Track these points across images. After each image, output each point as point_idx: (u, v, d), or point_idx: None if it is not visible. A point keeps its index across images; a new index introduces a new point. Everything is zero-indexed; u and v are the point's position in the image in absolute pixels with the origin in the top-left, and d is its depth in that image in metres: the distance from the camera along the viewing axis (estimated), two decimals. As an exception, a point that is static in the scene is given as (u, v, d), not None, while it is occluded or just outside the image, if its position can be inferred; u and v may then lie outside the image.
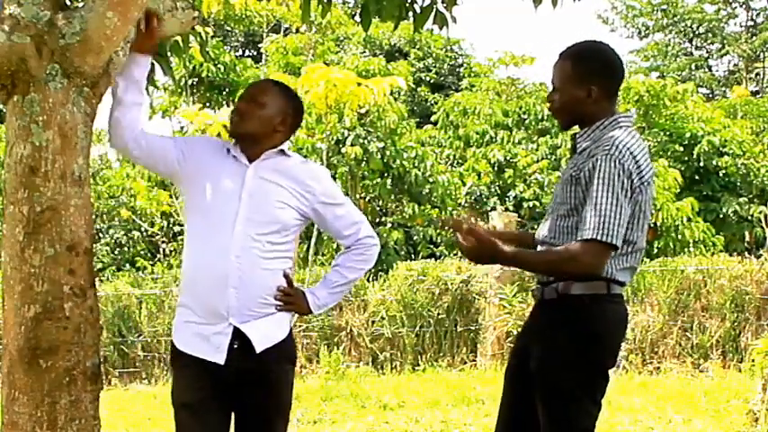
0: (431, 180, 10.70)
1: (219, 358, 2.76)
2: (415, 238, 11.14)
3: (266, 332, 2.81)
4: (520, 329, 2.99)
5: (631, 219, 2.61)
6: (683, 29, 26.14)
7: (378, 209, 10.99)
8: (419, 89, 17.86)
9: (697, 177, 12.15)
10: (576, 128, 2.83)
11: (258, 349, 2.78)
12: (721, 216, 11.76)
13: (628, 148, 2.60)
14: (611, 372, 2.76)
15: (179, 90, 12.15)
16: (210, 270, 2.75)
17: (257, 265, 2.77)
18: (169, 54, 3.53)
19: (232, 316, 2.76)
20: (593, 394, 2.68)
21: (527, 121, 12.85)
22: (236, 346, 2.76)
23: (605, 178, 2.56)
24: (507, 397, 2.86)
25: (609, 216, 2.54)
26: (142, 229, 11.87)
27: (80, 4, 2.72)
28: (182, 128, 12.04)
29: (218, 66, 12.45)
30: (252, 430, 2.87)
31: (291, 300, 2.87)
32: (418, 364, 8.01)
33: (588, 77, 2.70)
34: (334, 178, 10.45)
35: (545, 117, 12.59)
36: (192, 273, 2.82)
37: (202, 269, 2.77)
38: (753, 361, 5.58)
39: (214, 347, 2.76)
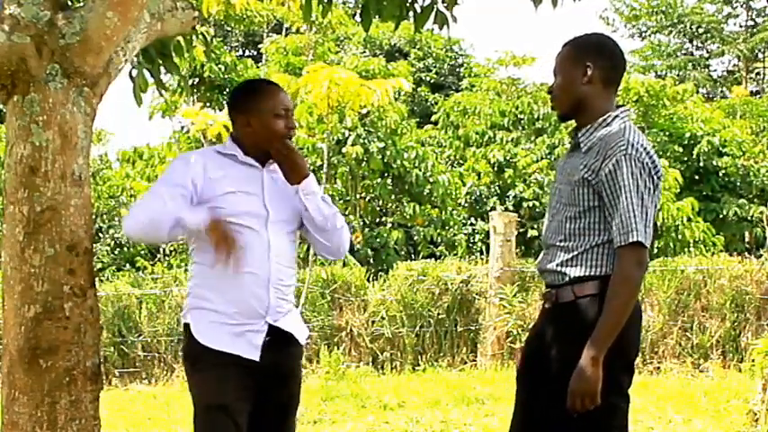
0: (431, 180, 10.70)
1: (255, 355, 2.79)
2: (415, 238, 11.14)
3: (300, 328, 2.93)
4: (530, 333, 2.92)
5: None
6: (682, 29, 26.13)
7: (378, 209, 11.00)
8: (419, 89, 17.87)
9: (697, 177, 12.16)
10: (572, 123, 2.82)
11: (302, 342, 2.90)
12: (721, 216, 11.76)
13: (643, 146, 2.60)
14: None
15: (181, 89, 12.14)
16: (254, 273, 2.78)
17: (290, 261, 2.89)
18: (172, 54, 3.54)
19: (269, 314, 2.81)
20: (621, 390, 2.67)
21: (523, 121, 12.86)
22: (266, 343, 2.81)
23: (630, 178, 2.56)
24: (521, 401, 2.83)
25: (640, 215, 2.55)
26: (142, 228, 11.83)
27: (80, 4, 2.72)
28: (182, 128, 12.05)
29: (220, 66, 12.45)
30: (271, 426, 2.89)
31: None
32: (418, 364, 8.01)
33: (585, 56, 2.72)
34: (335, 178, 10.49)
35: (540, 117, 12.59)
36: (231, 277, 2.77)
37: (245, 273, 2.77)
38: (753, 361, 5.57)
39: (249, 344, 2.79)
